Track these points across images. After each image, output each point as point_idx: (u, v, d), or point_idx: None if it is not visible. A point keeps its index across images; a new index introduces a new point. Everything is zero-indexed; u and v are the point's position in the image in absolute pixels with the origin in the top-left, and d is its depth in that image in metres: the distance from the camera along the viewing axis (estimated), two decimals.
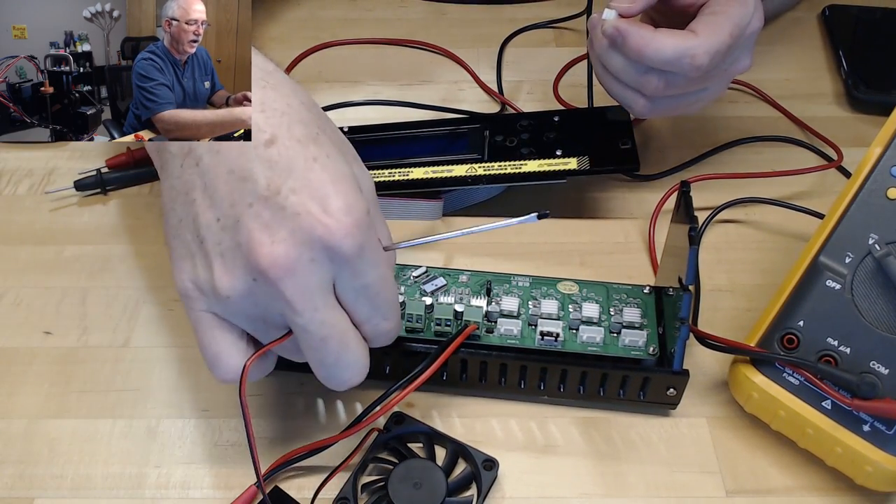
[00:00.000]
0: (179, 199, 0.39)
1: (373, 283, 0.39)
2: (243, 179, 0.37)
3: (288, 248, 0.36)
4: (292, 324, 0.38)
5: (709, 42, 0.50)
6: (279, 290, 0.37)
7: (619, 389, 0.47)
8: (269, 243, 0.36)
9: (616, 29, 0.51)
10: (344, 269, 0.38)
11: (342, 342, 0.39)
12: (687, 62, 0.50)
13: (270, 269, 0.36)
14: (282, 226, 0.37)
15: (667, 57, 0.50)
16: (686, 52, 0.50)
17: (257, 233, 0.36)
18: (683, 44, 0.50)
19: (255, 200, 0.37)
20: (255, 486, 0.44)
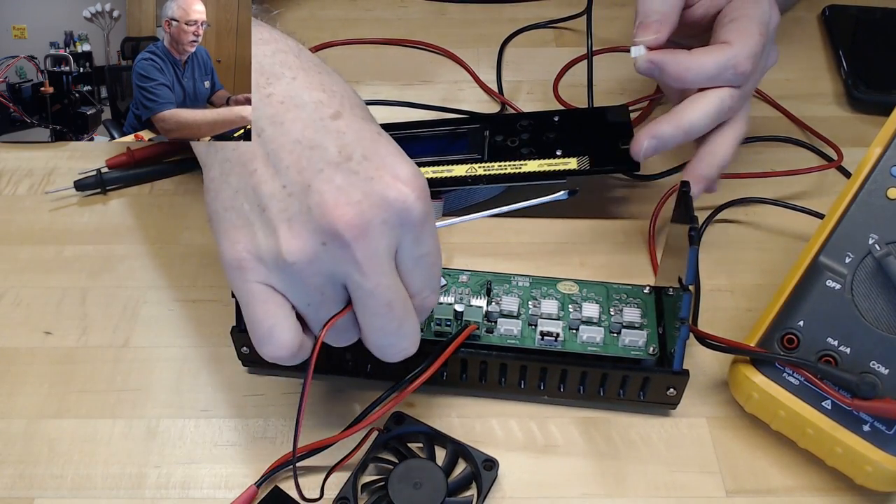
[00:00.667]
0: (235, 171, 0.39)
1: (431, 252, 0.40)
2: (312, 148, 0.38)
3: (363, 209, 0.37)
4: (358, 288, 0.38)
5: (746, 48, 0.50)
6: (351, 252, 0.37)
7: (619, 389, 0.47)
8: (343, 204, 0.36)
9: (650, 62, 0.50)
10: (409, 235, 0.38)
11: (405, 308, 0.39)
12: (731, 72, 0.50)
13: (346, 230, 0.36)
14: (355, 189, 0.37)
15: (710, 73, 0.50)
16: (728, 63, 0.49)
17: (331, 195, 0.37)
18: (723, 56, 0.49)
19: (325, 166, 0.37)
20: (254, 486, 0.44)
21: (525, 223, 0.59)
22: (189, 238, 0.57)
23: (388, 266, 0.38)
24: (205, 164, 0.42)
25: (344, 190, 0.37)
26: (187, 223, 0.58)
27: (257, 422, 0.48)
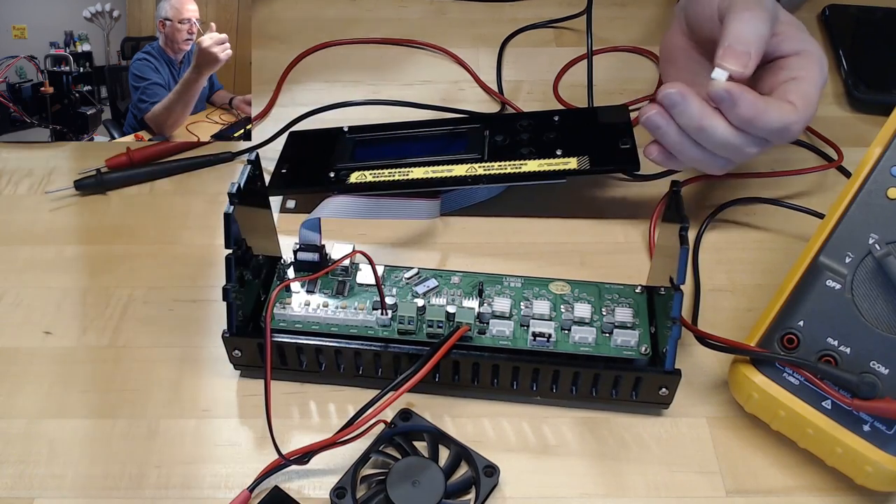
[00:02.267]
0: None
1: None
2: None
3: None
4: None
5: (805, 115, 0.49)
6: None
7: (612, 389, 0.47)
8: None
9: (728, 92, 0.48)
10: None
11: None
12: (786, 134, 0.49)
13: None
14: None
15: (772, 128, 0.49)
16: (788, 125, 0.49)
17: None
18: (786, 116, 0.48)
19: None
20: (247, 491, 0.44)
21: (524, 223, 0.59)
22: (189, 238, 0.57)
23: None
24: None
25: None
26: (187, 223, 0.58)
27: (257, 422, 0.48)
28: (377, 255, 0.49)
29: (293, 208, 0.60)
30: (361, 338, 0.48)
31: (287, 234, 0.54)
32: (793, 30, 0.51)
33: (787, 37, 0.51)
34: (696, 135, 0.50)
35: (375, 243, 0.57)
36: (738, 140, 0.50)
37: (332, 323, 0.48)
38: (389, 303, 0.48)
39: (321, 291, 0.50)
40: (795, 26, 0.51)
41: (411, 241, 0.58)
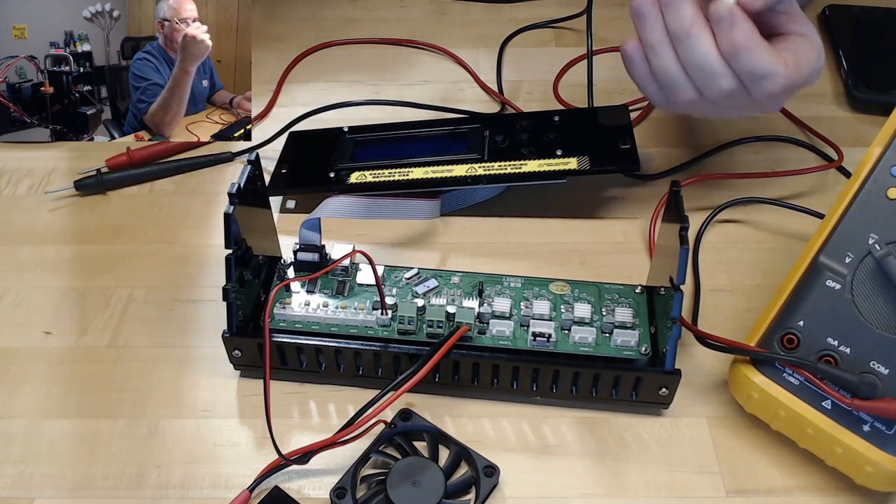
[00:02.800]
0: None
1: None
2: None
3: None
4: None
5: (792, 77, 0.48)
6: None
7: (612, 389, 0.47)
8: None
9: (731, 13, 0.46)
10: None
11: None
12: (766, 84, 0.48)
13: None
14: None
15: (755, 69, 0.47)
16: (772, 74, 0.47)
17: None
18: (775, 66, 0.47)
19: None
20: (247, 491, 0.44)
21: (524, 223, 0.59)
22: (189, 238, 0.57)
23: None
24: None
25: None
26: (187, 223, 0.58)
27: (257, 422, 0.48)
28: (377, 255, 0.49)
29: (293, 208, 0.60)
30: (361, 338, 0.48)
31: (287, 234, 0.54)
32: (801, 17, 0.51)
33: (796, 20, 0.50)
34: (679, 42, 0.48)
35: (375, 243, 0.57)
36: (717, 66, 0.47)
37: (332, 323, 0.48)
38: (389, 303, 0.48)
39: (321, 291, 0.50)
40: (804, 16, 0.51)
41: (411, 241, 0.58)
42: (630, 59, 0.51)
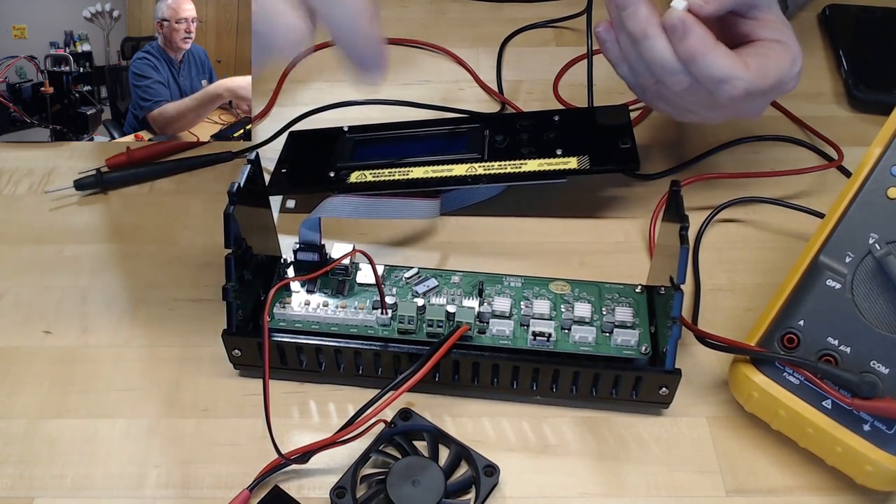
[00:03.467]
0: None
1: None
2: None
3: None
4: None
5: (754, 81, 0.48)
6: None
7: (612, 389, 0.47)
8: None
9: (682, 22, 0.47)
10: None
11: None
12: (726, 87, 0.48)
13: None
14: None
15: (713, 74, 0.48)
16: (730, 78, 0.48)
17: None
18: (734, 70, 0.48)
19: None
20: (247, 490, 0.44)
21: (525, 223, 0.59)
22: (189, 238, 0.57)
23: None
24: None
25: None
26: (187, 223, 0.58)
27: (257, 422, 0.48)
28: (377, 255, 0.49)
29: (293, 208, 0.60)
30: (361, 337, 0.48)
31: (287, 234, 0.54)
32: (778, 23, 0.51)
33: (770, 27, 0.51)
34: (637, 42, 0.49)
35: (375, 243, 0.57)
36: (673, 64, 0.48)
37: (331, 322, 0.48)
38: (389, 302, 0.48)
39: (321, 291, 0.50)
40: (781, 22, 0.51)
41: (411, 241, 0.58)
42: (602, 41, 0.53)
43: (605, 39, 0.53)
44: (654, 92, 0.53)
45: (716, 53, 0.48)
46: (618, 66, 0.54)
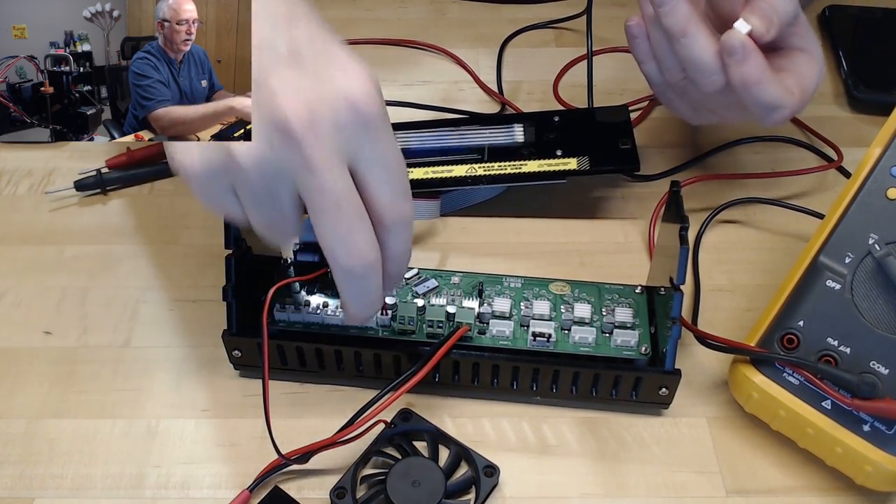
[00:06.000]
0: None
1: (392, 155, 0.38)
2: (265, 48, 0.37)
3: (312, 103, 0.36)
4: (307, 188, 0.37)
5: (797, 107, 0.48)
6: (299, 148, 0.36)
7: (612, 389, 0.47)
8: (291, 97, 0.36)
9: (743, 46, 0.46)
10: (364, 136, 0.37)
11: (358, 212, 0.38)
12: (775, 115, 0.48)
13: (293, 122, 0.35)
14: (305, 82, 0.36)
15: (764, 102, 0.47)
16: (780, 106, 0.48)
17: (279, 89, 0.36)
18: (783, 99, 0.47)
19: (275, 64, 0.36)
20: (247, 491, 0.44)
21: (525, 223, 0.59)
22: (189, 238, 0.57)
23: (339, 166, 0.37)
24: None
25: (291, 84, 0.36)
26: (187, 223, 0.58)
27: (257, 422, 0.48)
28: None
29: None
30: (361, 338, 0.48)
31: None
32: (807, 31, 0.51)
33: (802, 35, 0.50)
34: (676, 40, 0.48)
35: None
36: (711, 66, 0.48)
37: (332, 323, 0.48)
38: (389, 303, 0.48)
39: (321, 292, 0.50)
40: (808, 28, 0.51)
41: (412, 241, 0.57)
42: (632, 36, 0.53)
43: (635, 35, 0.52)
44: (679, 89, 0.52)
45: (771, 83, 0.47)
46: (644, 63, 0.53)
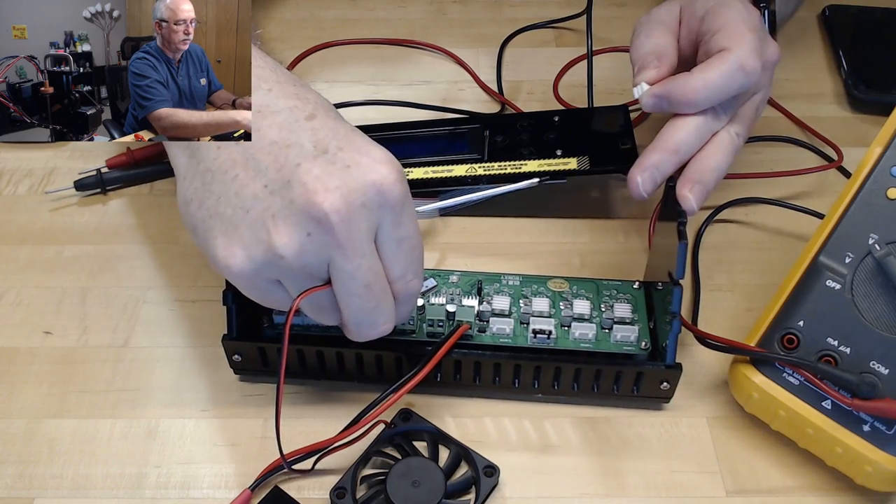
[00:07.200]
0: (217, 179, 0.41)
1: (411, 234, 0.41)
2: (288, 146, 0.39)
3: (344, 193, 0.38)
4: (340, 271, 0.40)
5: (744, 45, 0.48)
6: (335, 236, 0.38)
7: (613, 385, 0.47)
8: (323, 191, 0.38)
9: (655, 96, 0.49)
10: (388, 216, 0.40)
11: (383, 289, 0.41)
12: (741, 75, 0.47)
13: (330, 213, 0.38)
14: (334, 176, 0.39)
15: (720, 83, 0.47)
16: (733, 66, 0.47)
17: (311, 185, 0.38)
18: (726, 63, 0.47)
19: (303, 160, 0.39)
20: (248, 490, 0.44)
21: (525, 223, 0.59)
22: (189, 238, 0.57)
23: (369, 248, 0.40)
24: (184, 177, 0.43)
25: (322, 178, 0.39)
26: None
27: (257, 422, 0.48)
28: None
29: None
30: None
31: None
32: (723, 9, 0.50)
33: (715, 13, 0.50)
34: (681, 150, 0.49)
35: None
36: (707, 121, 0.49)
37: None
38: None
39: None
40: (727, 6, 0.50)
41: None
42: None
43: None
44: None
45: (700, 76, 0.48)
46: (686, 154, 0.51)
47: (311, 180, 0.38)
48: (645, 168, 0.49)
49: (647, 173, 0.49)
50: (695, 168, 0.49)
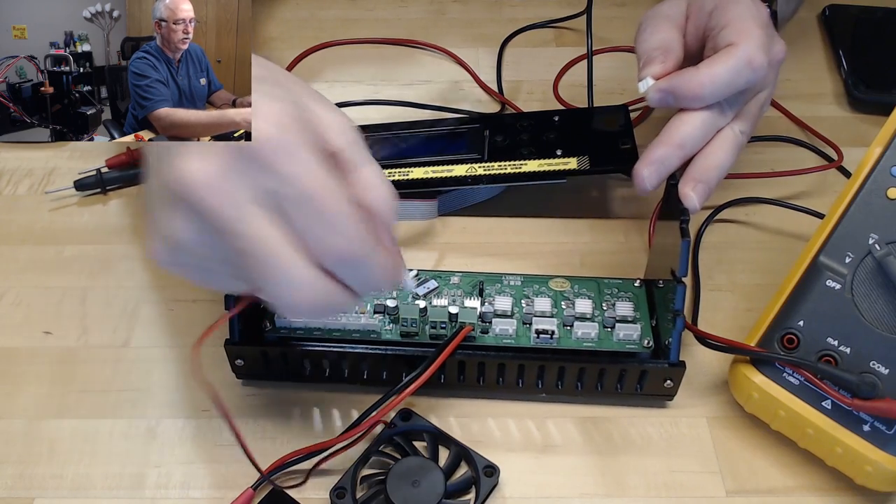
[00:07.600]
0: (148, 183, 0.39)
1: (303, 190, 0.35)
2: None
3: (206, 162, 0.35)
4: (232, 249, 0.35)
5: (751, 41, 0.48)
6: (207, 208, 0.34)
7: (617, 384, 0.47)
8: (187, 166, 0.35)
9: (661, 90, 0.49)
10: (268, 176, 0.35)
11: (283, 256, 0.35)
12: (747, 70, 0.48)
13: (193, 187, 0.34)
14: (201, 149, 0.35)
15: (726, 78, 0.47)
16: (740, 62, 0.47)
17: (178, 162, 0.35)
18: (733, 57, 0.47)
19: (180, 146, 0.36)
20: (251, 489, 0.44)
21: (525, 223, 0.59)
22: None
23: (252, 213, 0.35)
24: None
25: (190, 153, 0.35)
26: None
27: (257, 422, 0.48)
28: None
29: None
30: (364, 341, 0.48)
31: None
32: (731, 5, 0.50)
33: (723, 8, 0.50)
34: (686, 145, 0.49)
35: None
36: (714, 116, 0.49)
37: (333, 328, 0.48)
38: (391, 305, 0.48)
39: None
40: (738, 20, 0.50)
41: (411, 242, 0.58)
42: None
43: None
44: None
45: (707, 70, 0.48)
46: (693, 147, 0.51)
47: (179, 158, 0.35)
48: (651, 162, 0.49)
49: (653, 167, 0.49)
50: (698, 166, 0.49)
